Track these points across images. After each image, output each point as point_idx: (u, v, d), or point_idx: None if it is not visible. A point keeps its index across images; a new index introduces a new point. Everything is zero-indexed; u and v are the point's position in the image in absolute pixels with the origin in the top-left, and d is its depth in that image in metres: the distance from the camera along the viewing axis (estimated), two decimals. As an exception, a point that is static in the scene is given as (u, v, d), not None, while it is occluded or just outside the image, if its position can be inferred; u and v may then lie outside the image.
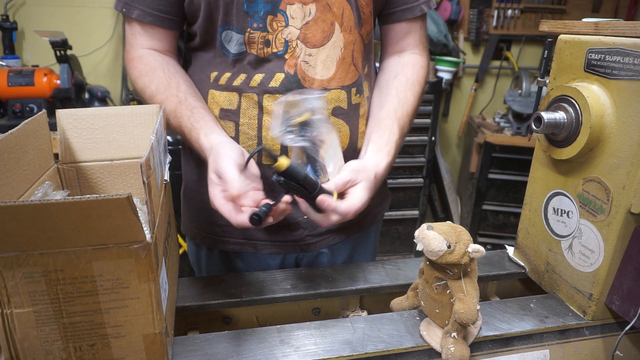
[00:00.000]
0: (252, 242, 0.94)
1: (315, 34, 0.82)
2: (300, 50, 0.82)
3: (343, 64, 0.86)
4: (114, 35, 2.39)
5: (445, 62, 2.62)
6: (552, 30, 0.78)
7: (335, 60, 0.85)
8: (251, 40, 0.82)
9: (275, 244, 0.94)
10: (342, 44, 0.85)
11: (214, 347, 0.65)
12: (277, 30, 0.81)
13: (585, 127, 0.69)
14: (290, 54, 0.82)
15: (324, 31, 0.83)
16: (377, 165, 0.80)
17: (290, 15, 0.81)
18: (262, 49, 0.82)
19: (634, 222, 0.68)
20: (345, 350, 0.65)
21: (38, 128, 0.72)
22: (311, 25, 0.82)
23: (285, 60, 0.82)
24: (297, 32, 0.81)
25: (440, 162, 2.82)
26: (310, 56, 0.83)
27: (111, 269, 0.52)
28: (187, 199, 1.00)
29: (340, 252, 1.01)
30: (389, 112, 0.89)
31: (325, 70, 0.84)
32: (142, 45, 0.89)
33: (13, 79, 1.94)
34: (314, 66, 0.83)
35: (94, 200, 0.46)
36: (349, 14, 0.84)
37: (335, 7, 0.83)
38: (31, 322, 0.52)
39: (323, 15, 0.82)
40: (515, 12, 2.79)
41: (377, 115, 0.90)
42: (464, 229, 0.65)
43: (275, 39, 0.81)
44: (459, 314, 0.62)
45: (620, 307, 0.70)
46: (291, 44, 0.82)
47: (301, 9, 0.81)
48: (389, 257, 2.72)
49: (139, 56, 0.88)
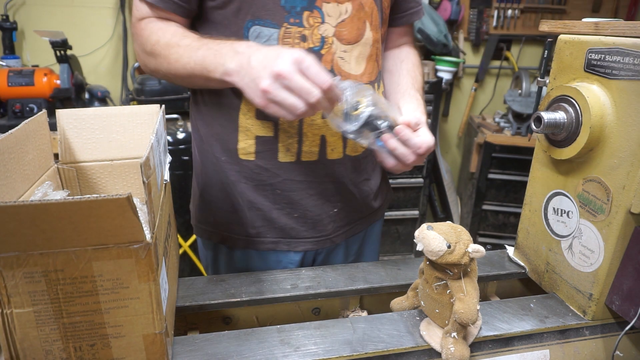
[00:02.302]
0: (287, 240, 0.94)
1: (351, 31, 0.85)
2: (336, 47, 0.84)
3: (371, 60, 0.90)
4: (114, 35, 2.39)
5: (445, 62, 2.62)
6: (552, 30, 0.78)
7: (366, 56, 0.89)
8: (286, 35, 0.82)
9: (310, 240, 0.95)
10: (371, 41, 0.89)
11: (214, 347, 0.65)
12: (314, 26, 0.82)
13: (585, 127, 0.69)
14: (326, 49, 0.84)
15: (359, 29, 0.86)
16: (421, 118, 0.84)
17: (326, 13, 0.82)
18: (299, 44, 0.82)
19: (634, 222, 0.68)
20: (345, 350, 0.65)
21: (38, 128, 0.72)
22: (347, 22, 0.84)
23: (321, 55, 0.84)
24: (332, 29, 0.83)
25: (440, 162, 2.82)
26: (345, 52, 0.85)
27: (111, 269, 0.52)
28: (208, 202, 0.97)
29: (353, 245, 1.05)
30: (407, 86, 0.95)
31: (358, 66, 0.88)
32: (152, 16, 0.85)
33: (13, 79, 1.94)
34: (348, 62, 0.86)
35: (94, 200, 0.46)
36: (376, 13, 0.89)
37: (367, 7, 0.86)
38: (31, 322, 0.52)
39: (358, 13, 0.85)
40: (515, 12, 2.79)
41: (397, 89, 0.96)
42: (464, 229, 0.65)
43: (312, 34, 0.82)
44: (459, 314, 0.62)
45: (620, 307, 0.70)
46: (327, 40, 0.83)
47: (337, 7, 0.83)
48: (389, 257, 2.72)
49: (148, 20, 0.84)
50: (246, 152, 0.89)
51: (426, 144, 0.80)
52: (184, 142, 1.96)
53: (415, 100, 0.92)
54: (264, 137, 0.87)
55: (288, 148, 0.87)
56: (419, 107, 0.90)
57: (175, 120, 2.08)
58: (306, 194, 0.92)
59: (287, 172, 0.89)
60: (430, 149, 0.81)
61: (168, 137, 1.58)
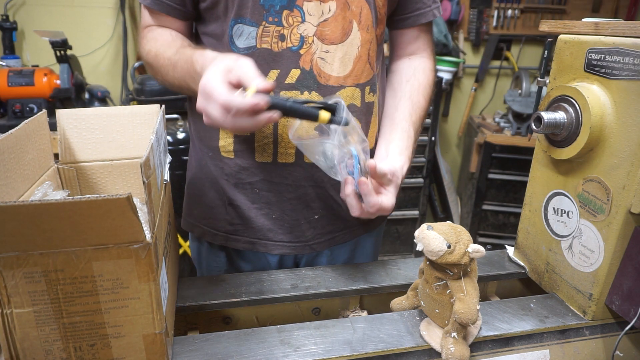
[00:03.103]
0: (264, 242, 0.94)
1: (335, 31, 0.83)
2: (317, 47, 0.83)
3: (359, 62, 0.87)
4: (114, 35, 2.39)
5: (445, 62, 2.62)
6: (552, 30, 0.78)
7: (353, 57, 0.86)
8: (265, 33, 0.82)
9: (287, 244, 0.94)
10: (359, 42, 0.86)
11: (214, 347, 0.65)
12: (293, 25, 0.81)
13: (585, 127, 0.69)
14: (305, 49, 0.82)
15: (343, 28, 0.84)
16: (402, 169, 0.83)
17: (307, 12, 0.81)
18: (277, 42, 0.82)
19: (634, 222, 0.68)
20: (345, 350, 0.65)
21: (38, 128, 0.72)
22: (330, 22, 0.82)
23: (300, 55, 0.83)
24: (313, 28, 0.82)
25: (440, 162, 2.82)
26: (327, 53, 0.83)
27: (111, 269, 0.52)
28: (193, 195, 0.99)
29: (340, 255, 1.02)
30: (404, 116, 0.91)
31: (342, 68, 0.85)
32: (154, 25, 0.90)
33: (13, 79, 1.94)
34: (330, 63, 0.84)
35: (94, 200, 0.46)
36: (366, 12, 0.86)
37: (354, 6, 0.84)
38: (31, 322, 0.52)
39: (343, 12, 0.83)
40: (515, 12, 2.79)
41: (393, 117, 0.92)
42: (464, 229, 0.65)
43: (291, 33, 0.82)
44: (459, 314, 0.62)
45: (620, 307, 0.70)
46: (307, 40, 0.82)
47: (319, 6, 0.81)
48: (389, 257, 2.72)
49: (148, 29, 0.90)
50: (226, 150, 0.90)
51: (380, 207, 0.76)
52: (184, 142, 1.96)
53: (406, 138, 0.88)
54: (241, 136, 0.88)
55: (264, 148, 0.87)
56: (405, 149, 0.87)
57: (175, 120, 2.08)
58: (283, 196, 0.91)
59: (264, 173, 0.89)
60: (384, 212, 0.78)
61: (168, 137, 1.58)
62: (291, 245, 0.94)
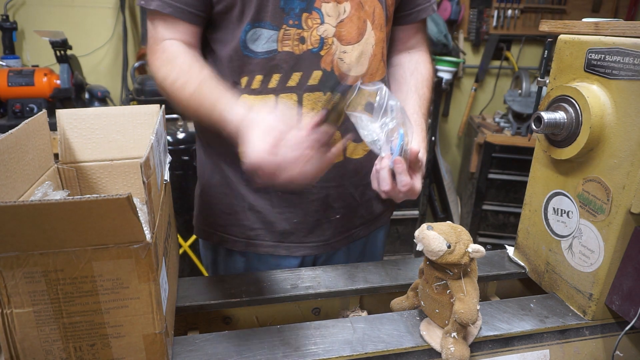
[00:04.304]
0: (286, 244, 0.94)
1: (351, 31, 0.84)
2: (336, 48, 0.84)
3: (374, 60, 0.89)
4: (114, 35, 2.39)
5: (445, 62, 2.62)
6: (552, 30, 0.78)
7: (368, 56, 0.88)
8: (286, 37, 0.82)
9: (308, 245, 0.94)
10: (373, 41, 0.88)
11: (214, 347, 0.65)
12: (312, 28, 0.82)
13: (585, 127, 0.69)
14: (325, 50, 0.83)
15: (359, 28, 0.85)
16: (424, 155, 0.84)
17: (326, 13, 0.82)
18: (297, 45, 0.82)
19: (634, 222, 0.68)
20: (345, 350, 0.65)
21: (38, 128, 0.72)
22: (346, 22, 0.84)
23: (320, 57, 0.83)
24: (332, 29, 0.83)
25: (440, 162, 2.82)
26: (345, 53, 0.85)
27: (111, 269, 0.52)
28: (207, 203, 0.97)
29: (355, 250, 1.04)
30: (414, 109, 0.93)
31: (359, 67, 0.87)
32: (164, 37, 0.84)
33: (13, 79, 1.94)
34: (348, 63, 0.85)
35: (94, 200, 0.46)
36: (379, 12, 0.88)
37: (367, 6, 0.85)
38: (31, 322, 0.52)
39: (357, 12, 0.84)
40: (515, 12, 2.79)
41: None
42: (464, 229, 0.65)
43: (311, 36, 0.82)
44: (459, 314, 0.62)
45: (620, 307, 0.70)
46: (327, 41, 0.83)
47: (336, 7, 0.82)
48: (389, 257, 2.72)
49: (160, 47, 0.84)
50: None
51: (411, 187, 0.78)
52: (184, 142, 1.96)
53: (420, 130, 0.89)
54: None
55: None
56: (422, 141, 0.88)
57: (175, 120, 2.08)
58: (307, 199, 0.91)
59: None
60: (412, 195, 0.79)
61: (168, 137, 1.58)
62: (312, 246, 0.95)
